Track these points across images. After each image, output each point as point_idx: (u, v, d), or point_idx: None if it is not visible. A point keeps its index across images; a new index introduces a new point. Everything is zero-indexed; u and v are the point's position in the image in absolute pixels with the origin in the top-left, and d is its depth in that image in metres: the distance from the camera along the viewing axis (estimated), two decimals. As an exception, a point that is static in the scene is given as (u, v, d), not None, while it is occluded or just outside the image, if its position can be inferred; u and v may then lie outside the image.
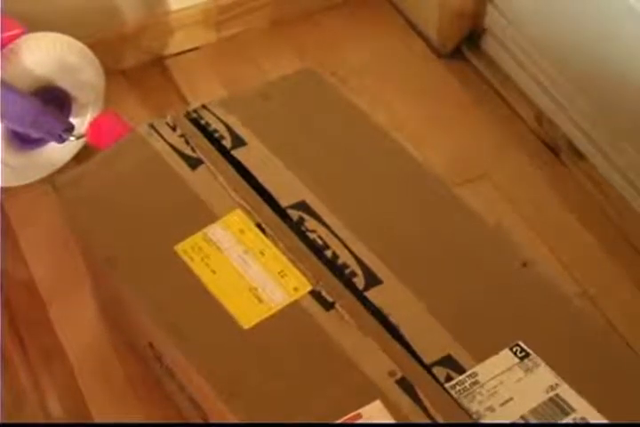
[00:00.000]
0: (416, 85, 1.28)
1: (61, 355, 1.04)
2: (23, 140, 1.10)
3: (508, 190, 1.16)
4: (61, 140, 1.08)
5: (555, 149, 1.21)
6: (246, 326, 0.77)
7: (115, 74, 1.26)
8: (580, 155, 1.18)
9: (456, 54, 1.32)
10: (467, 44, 1.31)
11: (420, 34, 1.34)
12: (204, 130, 0.90)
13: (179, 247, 0.82)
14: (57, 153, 1.14)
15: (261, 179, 0.86)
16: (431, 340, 0.75)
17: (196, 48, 1.34)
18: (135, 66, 1.29)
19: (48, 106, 1.06)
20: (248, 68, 1.31)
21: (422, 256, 0.81)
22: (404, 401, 0.71)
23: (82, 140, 1.11)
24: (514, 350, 0.75)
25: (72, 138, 1.08)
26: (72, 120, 1.10)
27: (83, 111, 1.13)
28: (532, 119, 1.23)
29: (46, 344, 1.05)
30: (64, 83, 1.10)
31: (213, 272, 0.80)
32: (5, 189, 1.13)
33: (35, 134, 1.07)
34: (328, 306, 0.77)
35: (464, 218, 0.84)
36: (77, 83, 1.11)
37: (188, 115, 0.91)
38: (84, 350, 1.04)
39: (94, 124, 1.07)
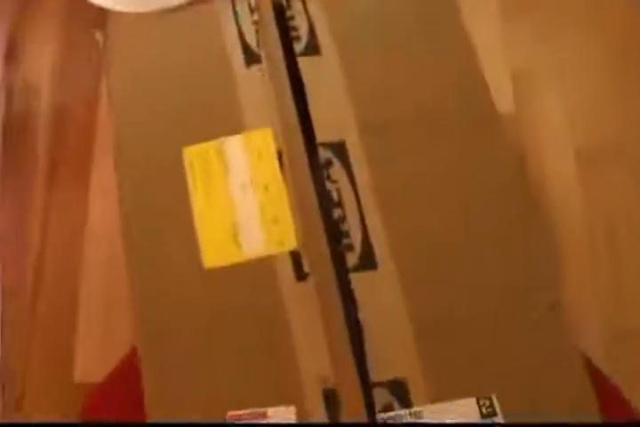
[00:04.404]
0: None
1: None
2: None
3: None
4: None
5: None
6: (207, 266, 0.66)
7: None
8: None
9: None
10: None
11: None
12: (284, 23, 0.76)
13: (187, 150, 0.71)
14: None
15: (313, 101, 0.72)
16: (392, 355, 0.63)
17: None
18: None
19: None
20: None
21: (442, 260, 0.66)
22: (320, 415, 0.60)
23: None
24: (481, 402, 0.61)
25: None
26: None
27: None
28: None
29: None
30: None
31: (206, 193, 0.69)
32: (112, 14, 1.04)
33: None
34: (301, 275, 0.65)
35: (520, 238, 0.68)
36: None
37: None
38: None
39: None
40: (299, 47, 0.75)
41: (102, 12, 1.02)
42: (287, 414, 0.60)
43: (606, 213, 0.92)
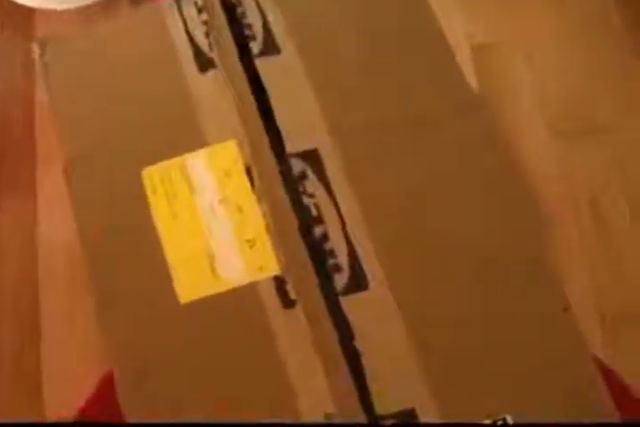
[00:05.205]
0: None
1: None
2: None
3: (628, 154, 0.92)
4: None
5: None
6: (183, 301, 0.61)
7: None
8: None
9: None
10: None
11: None
12: (236, 21, 0.70)
13: (146, 170, 0.65)
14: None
15: (277, 106, 0.66)
16: (398, 384, 0.58)
17: None
18: None
19: None
20: None
21: (439, 270, 0.61)
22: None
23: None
24: (498, 423, 0.57)
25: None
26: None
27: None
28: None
29: None
30: None
31: (173, 216, 0.63)
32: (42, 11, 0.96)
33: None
34: (288, 303, 0.60)
35: (518, 238, 0.63)
36: None
37: (223, -5, 0.71)
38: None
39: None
40: (255, 47, 0.68)
41: (29, 12, 0.94)
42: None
43: (587, 186, 0.89)
